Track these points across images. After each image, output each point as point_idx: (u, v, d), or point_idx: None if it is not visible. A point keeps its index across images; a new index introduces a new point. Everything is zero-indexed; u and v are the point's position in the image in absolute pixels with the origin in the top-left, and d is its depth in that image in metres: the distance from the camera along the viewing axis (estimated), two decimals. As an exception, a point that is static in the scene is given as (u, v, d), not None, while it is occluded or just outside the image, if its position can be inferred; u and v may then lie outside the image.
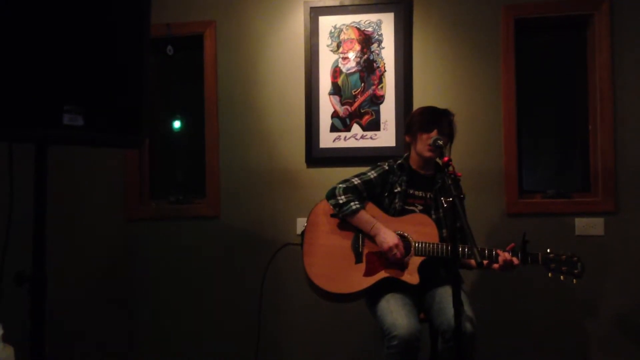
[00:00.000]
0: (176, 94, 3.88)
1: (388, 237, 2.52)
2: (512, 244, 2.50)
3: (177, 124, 3.90)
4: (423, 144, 2.64)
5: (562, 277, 2.47)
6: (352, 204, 2.58)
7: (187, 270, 3.60)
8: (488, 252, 2.48)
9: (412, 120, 2.76)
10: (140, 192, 3.69)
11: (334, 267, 2.59)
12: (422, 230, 2.59)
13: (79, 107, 1.80)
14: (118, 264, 3.66)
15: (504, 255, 2.44)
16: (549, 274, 2.47)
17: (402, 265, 2.54)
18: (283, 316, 3.51)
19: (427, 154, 2.62)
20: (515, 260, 2.45)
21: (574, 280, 2.46)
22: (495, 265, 2.47)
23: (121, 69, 1.95)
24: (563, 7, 3.39)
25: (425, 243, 2.53)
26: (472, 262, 2.61)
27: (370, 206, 2.67)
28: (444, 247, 2.51)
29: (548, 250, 2.49)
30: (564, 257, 2.47)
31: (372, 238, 2.59)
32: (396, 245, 2.49)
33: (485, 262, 2.46)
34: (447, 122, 2.68)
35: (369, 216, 2.60)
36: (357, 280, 2.55)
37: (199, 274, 3.59)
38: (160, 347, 3.58)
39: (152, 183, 3.79)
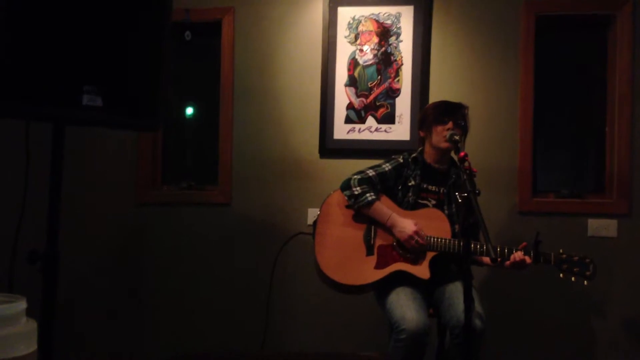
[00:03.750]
0: (192, 79, 3.88)
1: (406, 225, 2.52)
2: (524, 243, 2.50)
3: (191, 110, 3.90)
4: (438, 136, 2.62)
5: (573, 278, 2.46)
6: (367, 195, 2.58)
7: (196, 256, 3.61)
8: (500, 249, 2.48)
9: (426, 114, 2.75)
10: (152, 177, 3.70)
11: (345, 258, 2.59)
12: (434, 225, 2.58)
13: (98, 88, 1.82)
14: (128, 247, 3.68)
15: (517, 254, 2.44)
16: (561, 275, 2.47)
17: (414, 260, 2.54)
18: (291, 304, 3.51)
19: (444, 144, 2.60)
20: (528, 259, 2.44)
21: (585, 281, 2.45)
22: (507, 263, 2.47)
23: (141, 53, 1.96)
24: (585, 6, 3.36)
25: (438, 238, 2.53)
26: (484, 259, 2.61)
27: (384, 199, 2.66)
28: (456, 243, 2.51)
29: (560, 251, 2.49)
30: (576, 258, 2.47)
31: (385, 230, 2.59)
32: (416, 232, 2.49)
33: (498, 259, 2.46)
34: (462, 114, 2.67)
35: (385, 207, 2.59)
36: (367, 272, 2.55)
37: (209, 260, 3.60)
38: (168, 332, 3.60)
39: (164, 168, 3.79)
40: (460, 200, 2.08)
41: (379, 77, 3.47)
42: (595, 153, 3.50)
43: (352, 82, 3.49)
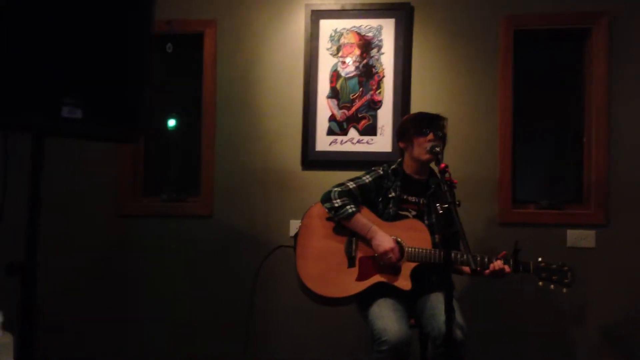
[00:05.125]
0: (174, 91, 3.87)
1: (384, 240, 2.52)
2: (504, 252, 2.52)
3: (173, 122, 3.88)
4: (420, 148, 2.64)
5: (552, 286, 2.49)
6: (348, 207, 2.59)
7: (178, 268, 3.58)
8: (480, 259, 2.50)
9: (405, 126, 2.76)
10: (133, 188, 3.68)
11: (327, 270, 2.59)
12: (415, 235, 2.59)
13: (78, 100, 1.81)
14: (109, 259, 3.64)
15: (496, 263, 2.46)
16: (540, 283, 2.50)
17: (395, 271, 2.55)
18: (274, 317, 3.50)
19: (425, 157, 2.62)
20: (507, 269, 2.47)
21: (564, 289, 2.48)
22: (487, 272, 2.49)
23: (122, 64, 1.95)
24: (562, 20, 3.42)
25: (418, 249, 2.54)
26: (464, 267, 2.63)
27: (365, 211, 2.67)
28: (437, 253, 2.53)
29: (539, 259, 2.52)
30: (554, 266, 2.50)
31: (366, 242, 2.60)
32: (392, 249, 2.50)
33: (478, 269, 2.48)
34: (441, 125, 2.69)
35: (365, 220, 2.60)
36: (349, 284, 2.55)
37: (191, 273, 3.57)
38: (149, 344, 3.56)
39: (145, 180, 3.77)
40: (441, 212, 2.10)
41: (361, 89, 3.49)
42: (574, 163, 3.54)
43: (334, 94, 3.51)
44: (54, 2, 1.77)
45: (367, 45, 3.50)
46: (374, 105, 3.48)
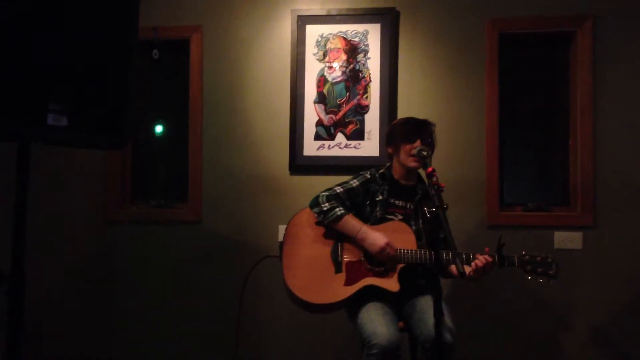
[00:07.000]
0: (160, 97, 3.86)
1: (377, 238, 2.53)
2: (487, 249, 2.53)
3: (160, 128, 3.87)
4: (406, 155, 2.65)
5: (540, 279, 2.50)
6: (336, 209, 2.60)
7: (167, 275, 3.57)
8: (465, 256, 2.51)
9: (393, 132, 2.77)
10: (122, 195, 3.66)
11: (314, 278, 2.59)
12: (399, 237, 2.59)
13: (63, 107, 1.80)
14: (97, 266, 3.62)
15: (481, 259, 2.47)
16: (528, 277, 2.51)
17: (382, 274, 2.55)
18: (263, 324, 3.49)
19: (412, 164, 2.64)
20: (489, 258, 2.48)
21: (551, 281, 2.50)
22: (472, 271, 2.48)
23: (107, 71, 1.94)
24: (547, 24, 3.44)
25: (404, 250, 2.55)
26: (451, 268, 2.63)
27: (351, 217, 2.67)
28: (423, 252, 2.53)
29: (523, 252, 2.54)
30: (539, 258, 2.53)
31: (352, 245, 2.61)
32: (387, 244, 2.51)
33: (466, 270, 2.47)
34: (429, 132, 2.70)
35: (355, 221, 2.61)
36: (338, 290, 2.55)
37: (179, 279, 3.56)
38: (137, 352, 3.54)
39: (134, 186, 3.76)
40: (429, 215, 2.10)
41: (348, 93, 3.50)
42: (561, 166, 3.57)
43: (321, 98, 3.51)
44: (39, 9, 1.76)
45: (353, 50, 3.51)
46: (361, 109, 3.49)
